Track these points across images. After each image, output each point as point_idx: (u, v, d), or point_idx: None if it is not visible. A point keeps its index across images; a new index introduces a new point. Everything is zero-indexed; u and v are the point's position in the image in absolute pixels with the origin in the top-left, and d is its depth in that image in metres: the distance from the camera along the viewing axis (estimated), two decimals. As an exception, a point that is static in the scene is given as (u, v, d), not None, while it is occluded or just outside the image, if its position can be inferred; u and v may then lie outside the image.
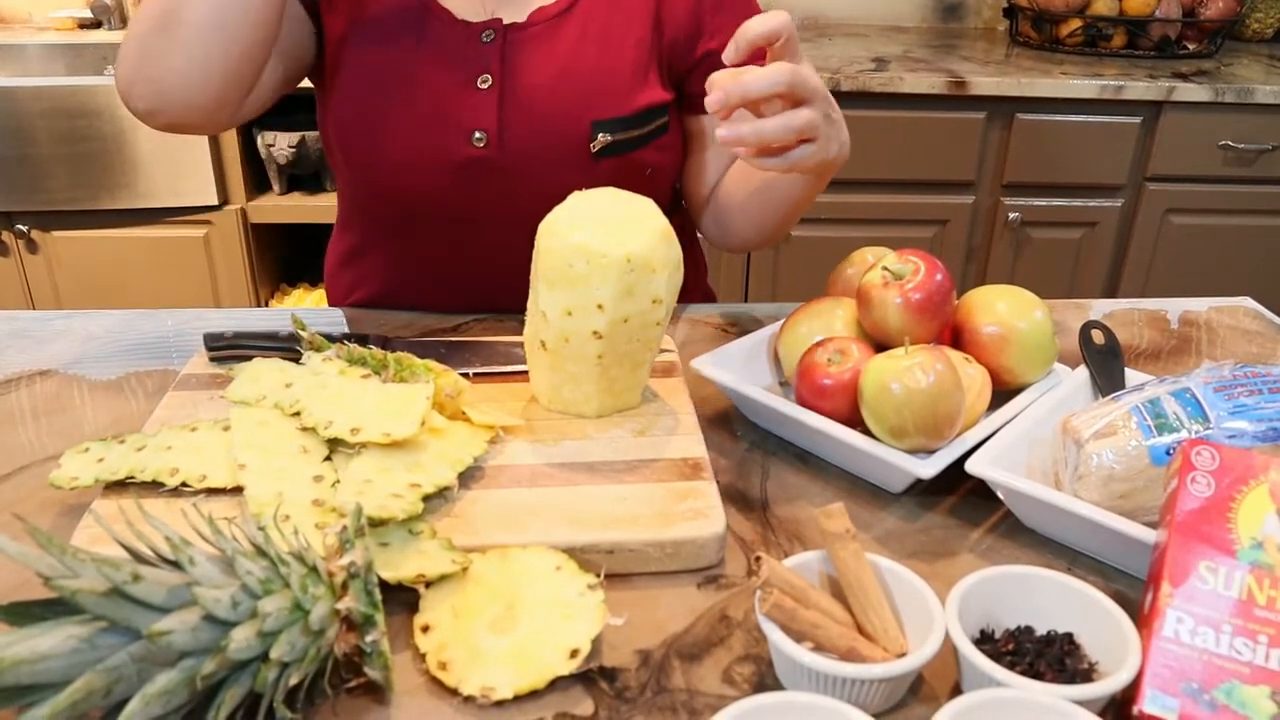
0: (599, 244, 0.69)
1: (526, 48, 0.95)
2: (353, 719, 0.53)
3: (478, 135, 0.94)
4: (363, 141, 0.97)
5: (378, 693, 0.55)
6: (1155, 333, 1.01)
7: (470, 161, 0.94)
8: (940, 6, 2.63)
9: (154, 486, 0.66)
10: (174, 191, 2.03)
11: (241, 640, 0.47)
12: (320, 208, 2.13)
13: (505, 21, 0.95)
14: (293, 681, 0.50)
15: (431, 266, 1.03)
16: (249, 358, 0.79)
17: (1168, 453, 0.65)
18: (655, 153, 1.00)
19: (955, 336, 0.81)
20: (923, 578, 0.57)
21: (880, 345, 0.77)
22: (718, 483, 0.70)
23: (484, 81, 0.94)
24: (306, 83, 1.03)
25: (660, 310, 0.72)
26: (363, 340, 0.82)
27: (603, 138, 0.95)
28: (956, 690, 0.56)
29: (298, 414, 0.70)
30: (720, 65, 0.73)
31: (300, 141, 2.06)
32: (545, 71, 0.95)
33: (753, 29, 0.71)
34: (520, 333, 0.78)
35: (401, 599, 0.59)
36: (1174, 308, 1.06)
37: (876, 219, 2.15)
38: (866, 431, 0.72)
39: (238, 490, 0.65)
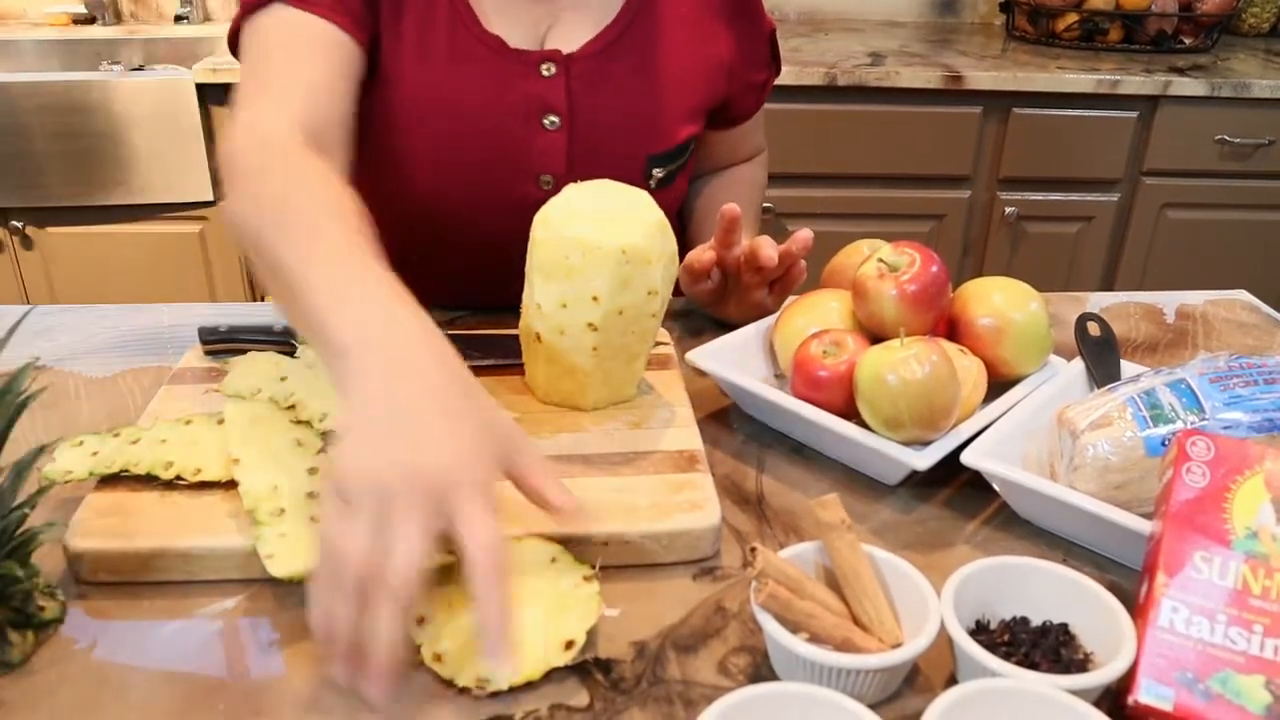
0: (594, 236, 0.69)
1: (586, 82, 0.90)
2: (348, 711, 0.53)
3: (545, 178, 0.90)
4: (426, 177, 0.90)
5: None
6: (1151, 325, 1.01)
7: (534, 203, 0.86)
8: (937, 1, 2.63)
9: (148, 480, 0.65)
10: (169, 187, 2.02)
11: None
12: (316, 203, 2.12)
13: (564, 52, 0.89)
14: None
15: (450, 284, 0.97)
16: (244, 351, 0.78)
17: (1163, 443, 0.65)
18: (684, 178, 1.01)
19: (951, 328, 0.81)
20: (918, 569, 0.57)
21: (876, 337, 0.77)
22: (713, 475, 0.70)
23: (551, 123, 0.89)
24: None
25: (655, 302, 0.72)
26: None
27: (657, 173, 0.94)
28: (952, 681, 0.56)
29: (292, 407, 0.70)
30: (750, 84, 1.00)
31: (296, 137, 2.05)
32: (606, 109, 0.91)
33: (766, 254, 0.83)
34: (515, 325, 0.78)
35: (397, 591, 0.59)
36: (1170, 300, 1.06)
37: (873, 214, 2.15)
38: (862, 423, 0.72)
39: (232, 484, 0.64)
